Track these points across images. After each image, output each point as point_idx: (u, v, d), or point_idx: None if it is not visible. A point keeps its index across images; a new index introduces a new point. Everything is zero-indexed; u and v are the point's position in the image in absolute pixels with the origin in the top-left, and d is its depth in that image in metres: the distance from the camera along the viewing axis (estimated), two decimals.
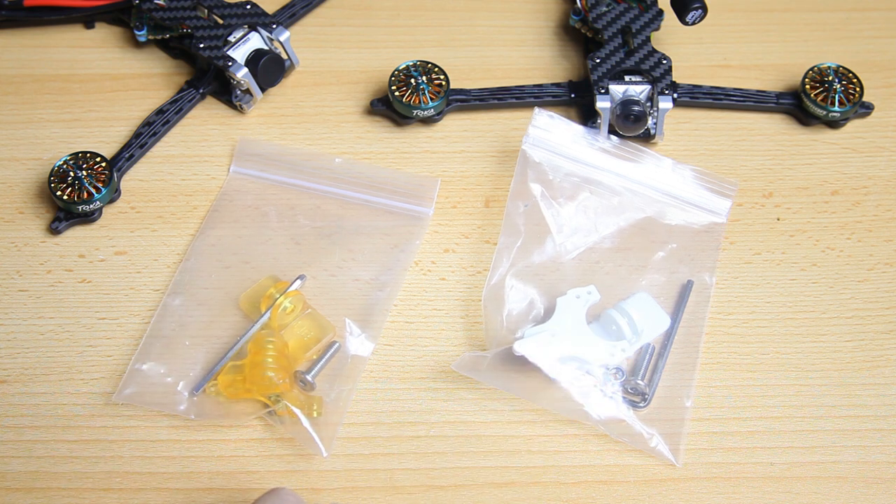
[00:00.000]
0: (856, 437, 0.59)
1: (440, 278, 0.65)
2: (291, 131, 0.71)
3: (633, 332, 0.60)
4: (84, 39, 0.75)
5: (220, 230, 0.65)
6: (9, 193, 0.67)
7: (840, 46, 0.76)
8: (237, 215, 0.66)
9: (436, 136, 0.71)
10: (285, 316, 0.61)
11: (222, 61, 0.69)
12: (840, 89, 0.70)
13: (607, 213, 0.65)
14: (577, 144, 0.66)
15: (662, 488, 0.58)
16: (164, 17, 0.71)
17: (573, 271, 0.63)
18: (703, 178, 0.66)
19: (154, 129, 0.69)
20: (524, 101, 0.71)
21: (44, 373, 0.61)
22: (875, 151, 0.70)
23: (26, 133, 0.70)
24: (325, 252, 0.64)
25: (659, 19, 0.71)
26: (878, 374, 0.61)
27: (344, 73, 0.74)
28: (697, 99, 0.71)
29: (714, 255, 0.65)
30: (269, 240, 0.65)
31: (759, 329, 0.63)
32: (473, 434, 0.59)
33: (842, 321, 0.63)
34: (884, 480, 0.58)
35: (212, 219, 0.66)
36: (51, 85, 0.72)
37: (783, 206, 0.68)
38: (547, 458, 0.58)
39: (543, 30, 0.77)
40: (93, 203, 0.65)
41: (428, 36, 0.76)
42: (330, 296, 0.63)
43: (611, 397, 0.59)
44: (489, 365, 0.59)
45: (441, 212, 0.67)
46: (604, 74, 0.69)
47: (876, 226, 0.67)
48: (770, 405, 0.60)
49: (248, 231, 0.65)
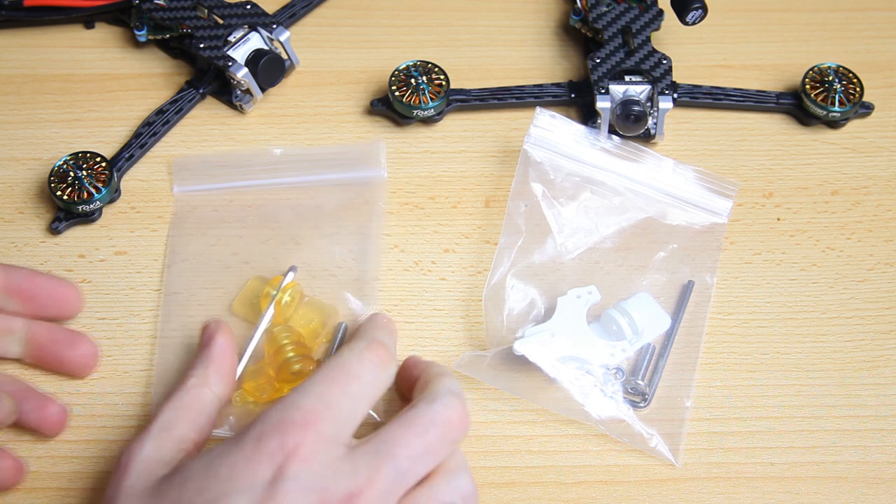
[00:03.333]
0: (856, 437, 0.59)
1: (440, 278, 0.65)
2: (291, 131, 0.71)
3: (634, 332, 0.60)
4: (84, 39, 0.75)
5: (188, 251, 0.65)
6: (9, 193, 0.67)
7: (840, 46, 0.76)
8: (198, 230, 0.65)
9: (436, 136, 0.71)
10: (287, 309, 0.61)
11: (222, 61, 0.69)
12: (840, 89, 0.70)
13: (608, 213, 0.65)
14: (578, 144, 0.66)
15: (662, 488, 0.58)
16: (164, 17, 0.71)
17: (574, 271, 0.63)
18: (704, 179, 0.66)
19: (154, 129, 0.69)
20: (524, 101, 0.71)
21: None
22: (875, 151, 0.70)
23: (26, 133, 0.70)
24: (296, 241, 0.64)
25: (659, 19, 0.71)
26: (878, 374, 0.62)
27: (344, 73, 0.74)
28: (697, 99, 0.71)
29: (715, 256, 0.65)
30: (239, 246, 0.64)
31: (759, 329, 0.63)
32: (473, 434, 0.59)
33: (842, 321, 0.63)
34: (884, 480, 0.58)
35: (174, 244, 0.65)
36: (51, 85, 0.72)
37: (783, 206, 0.68)
38: (547, 458, 0.58)
39: (543, 30, 0.77)
40: (93, 203, 0.65)
41: (428, 36, 0.76)
42: (319, 280, 0.63)
43: (611, 397, 0.59)
44: (489, 365, 0.59)
45: (441, 212, 0.67)
46: (604, 74, 0.69)
47: (876, 226, 0.67)
48: (770, 405, 0.60)
49: (215, 243, 0.65)
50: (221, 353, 0.55)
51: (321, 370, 0.51)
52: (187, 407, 0.53)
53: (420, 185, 0.68)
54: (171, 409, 0.52)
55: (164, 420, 0.52)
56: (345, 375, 0.50)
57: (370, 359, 0.52)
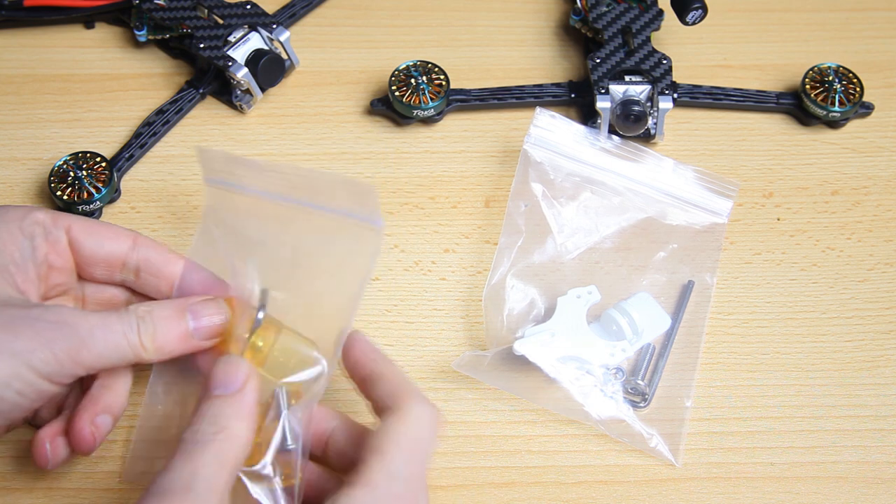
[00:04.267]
0: (856, 437, 0.59)
1: (440, 278, 0.65)
2: (291, 131, 0.71)
3: (634, 332, 0.60)
4: (84, 39, 0.75)
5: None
6: (9, 193, 0.67)
7: (840, 46, 0.76)
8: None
9: (436, 136, 0.71)
10: (260, 354, 0.53)
11: (222, 61, 0.69)
12: (840, 89, 0.70)
13: (608, 213, 0.65)
14: (578, 144, 0.66)
15: (662, 488, 0.58)
16: (164, 17, 0.71)
17: (574, 271, 0.63)
18: (705, 179, 0.66)
19: (154, 129, 0.69)
20: (524, 101, 0.71)
21: None
22: (875, 151, 0.70)
23: (26, 133, 0.70)
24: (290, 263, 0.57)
25: (659, 19, 0.71)
26: (878, 374, 0.62)
27: (344, 73, 0.74)
28: (697, 99, 0.71)
29: (715, 256, 0.65)
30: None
31: (759, 329, 0.63)
32: (473, 434, 0.59)
33: (842, 321, 0.63)
34: (884, 480, 0.58)
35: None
36: (51, 85, 0.72)
37: (783, 206, 0.68)
38: (547, 458, 0.58)
39: (543, 30, 0.77)
40: (93, 203, 0.65)
41: (428, 36, 0.76)
42: (293, 310, 0.55)
43: (611, 397, 0.59)
44: (489, 364, 0.59)
45: (441, 212, 0.67)
46: (604, 74, 0.69)
47: (876, 226, 0.67)
48: (770, 405, 0.60)
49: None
50: (253, 402, 0.50)
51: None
52: (228, 463, 0.47)
53: (420, 185, 0.68)
54: (211, 465, 0.47)
55: (207, 477, 0.46)
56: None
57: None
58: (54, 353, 0.49)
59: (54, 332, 0.49)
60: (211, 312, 0.53)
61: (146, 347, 0.51)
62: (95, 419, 0.52)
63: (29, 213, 0.54)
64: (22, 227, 0.53)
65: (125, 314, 0.52)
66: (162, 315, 0.52)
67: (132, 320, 0.51)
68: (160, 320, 0.52)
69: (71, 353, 0.49)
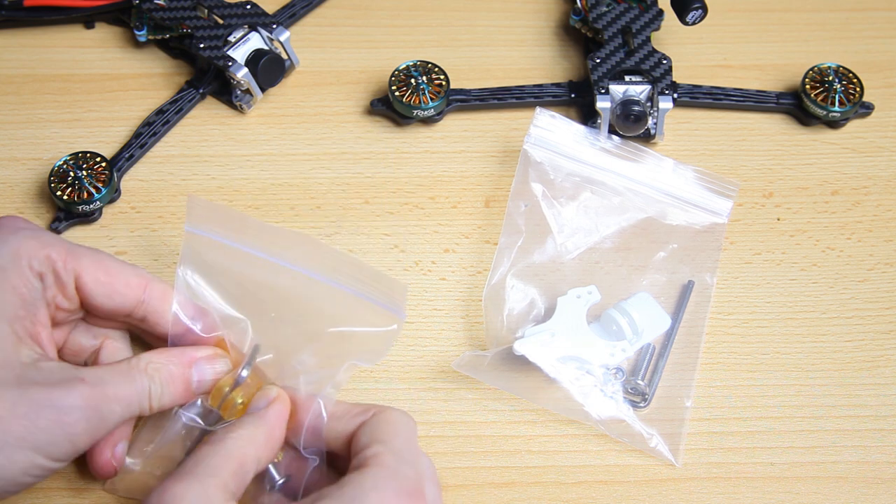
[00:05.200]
0: (856, 437, 0.59)
1: (440, 278, 0.65)
2: (291, 131, 0.71)
3: (634, 332, 0.60)
4: (84, 39, 0.75)
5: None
6: (9, 193, 0.67)
7: (840, 46, 0.76)
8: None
9: (436, 136, 0.71)
10: (235, 411, 0.53)
11: (222, 61, 0.69)
12: (840, 89, 0.70)
13: (608, 213, 0.65)
14: (578, 144, 0.66)
15: (662, 488, 0.58)
16: (164, 17, 0.71)
17: (574, 271, 0.63)
18: (705, 179, 0.66)
19: (154, 129, 0.69)
20: (524, 101, 0.71)
21: None
22: (875, 151, 0.70)
23: (26, 133, 0.70)
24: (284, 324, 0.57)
25: (659, 19, 0.71)
26: (878, 374, 0.62)
27: (344, 73, 0.74)
28: (697, 99, 0.71)
29: (715, 256, 0.65)
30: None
31: (759, 329, 0.63)
32: (473, 434, 0.59)
33: (842, 321, 0.63)
34: (884, 480, 0.58)
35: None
36: (51, 85, 0.72)
37: (783, 206, 0.68)
38: (547, 458, 0.58)
39: (543, 30, 0.77)
40: (93, 203, 0.65)
41: (428, 36, 0.76)
42: (282, 370, 0.55)
43: (611, 397, 0.59)
44: (489, 364, 0.59)
45: (441, 212, 0.67)
46: (604, 74, 0.69)
47: (876, 226, 0.67)
48: (770, 405, 0.60)
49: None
50: (277, 421, 0.52)
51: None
52: (234, 457, 0.50)
53: (420, 185, 0.68)
54: (216, 455, 0.49)
55: (210, 465, 0.49)
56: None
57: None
58: (74, 443, 0.50)
59: (76, 418, 0.50)
60: (216, 370, 0.55)
61: (153, 407, 0.53)
62: (115, 450, 0.53)
63: (42, 250, 0.53)
64: (32, 265, 0.52)
65: (138, 378, 0.52)
66: (172, 375, 0.53)
67: (145, 384, 0.52)
68: (168, 382, 0.53)
69: (90, 434, 0.50)
